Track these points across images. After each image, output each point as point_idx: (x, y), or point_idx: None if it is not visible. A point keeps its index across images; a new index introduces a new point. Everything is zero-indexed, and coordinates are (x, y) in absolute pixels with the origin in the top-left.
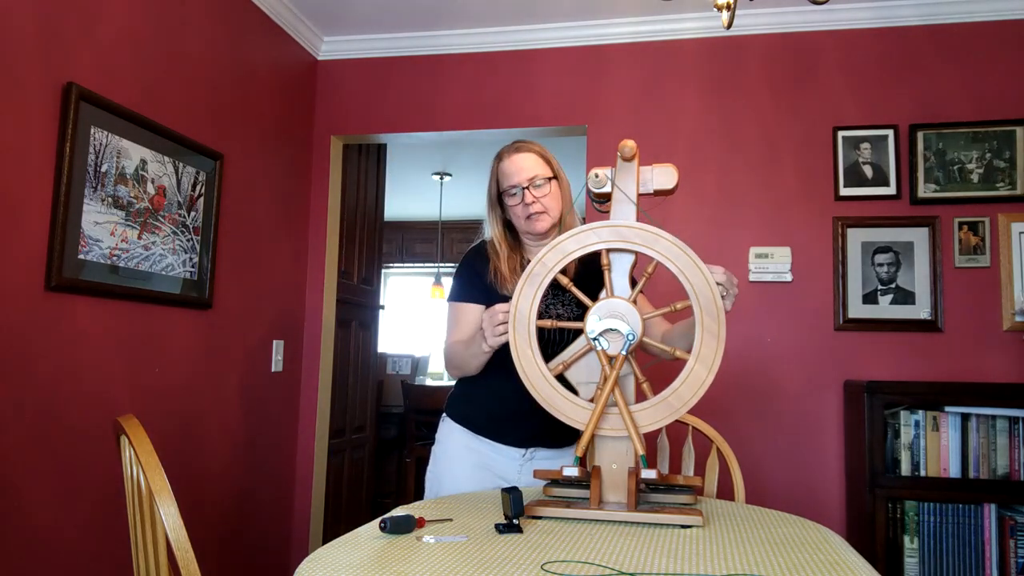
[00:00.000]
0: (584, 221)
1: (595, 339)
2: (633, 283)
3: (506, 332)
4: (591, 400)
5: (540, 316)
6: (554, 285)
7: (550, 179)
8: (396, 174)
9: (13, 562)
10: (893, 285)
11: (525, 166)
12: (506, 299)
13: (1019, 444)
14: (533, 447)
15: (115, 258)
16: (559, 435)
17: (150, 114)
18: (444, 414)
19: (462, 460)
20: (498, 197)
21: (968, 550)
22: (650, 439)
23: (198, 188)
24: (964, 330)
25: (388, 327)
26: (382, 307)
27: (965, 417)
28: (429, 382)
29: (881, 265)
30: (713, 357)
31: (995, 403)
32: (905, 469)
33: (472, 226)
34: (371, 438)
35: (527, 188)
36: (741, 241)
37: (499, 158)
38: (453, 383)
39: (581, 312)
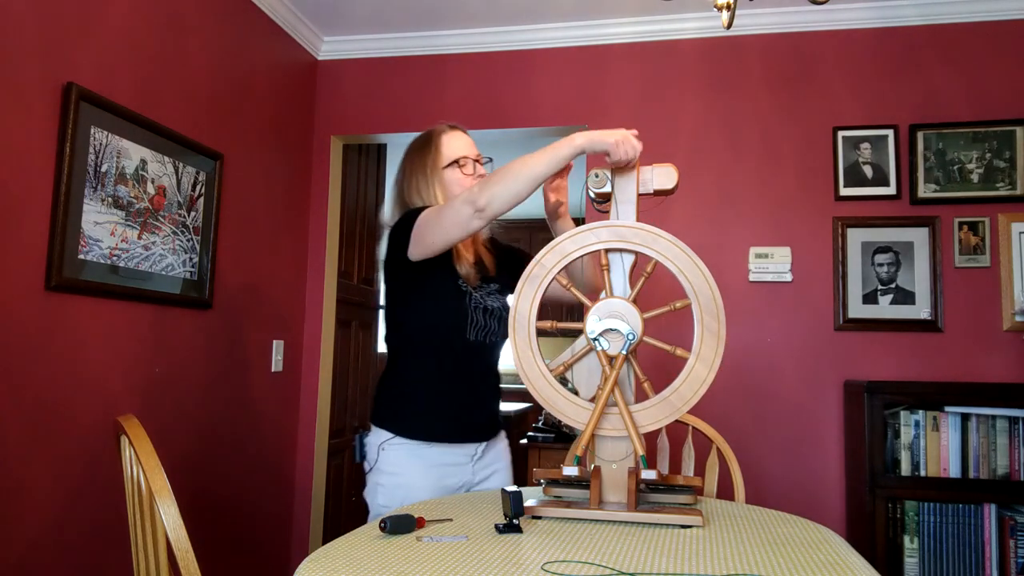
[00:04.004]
0: (584, 221)
1: (595, 339)
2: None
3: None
4: (591, 400)
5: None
6: (484, 277)
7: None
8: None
9: (13, 561)
10: (893, 285)
11: (471, 143)
12: (457, 276)
13: (1019, 444)
14: (487, 440)
15: (115, 258)
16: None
17: (150, 114)
18: (379, 431)
19: (421, 488)
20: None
21: (968, 550)
22: (650, 439)
23: (198, 188)
24: (964, 330)
25: None
26: (382, 307)
27: (965, 417)
28: None
29: (881, 265)
30: (713, 356)
31: (995, 403)
32: (905, 469)
33: None
34: None
35: (477, 162)
36: (741, 241)
37: (440, 132)
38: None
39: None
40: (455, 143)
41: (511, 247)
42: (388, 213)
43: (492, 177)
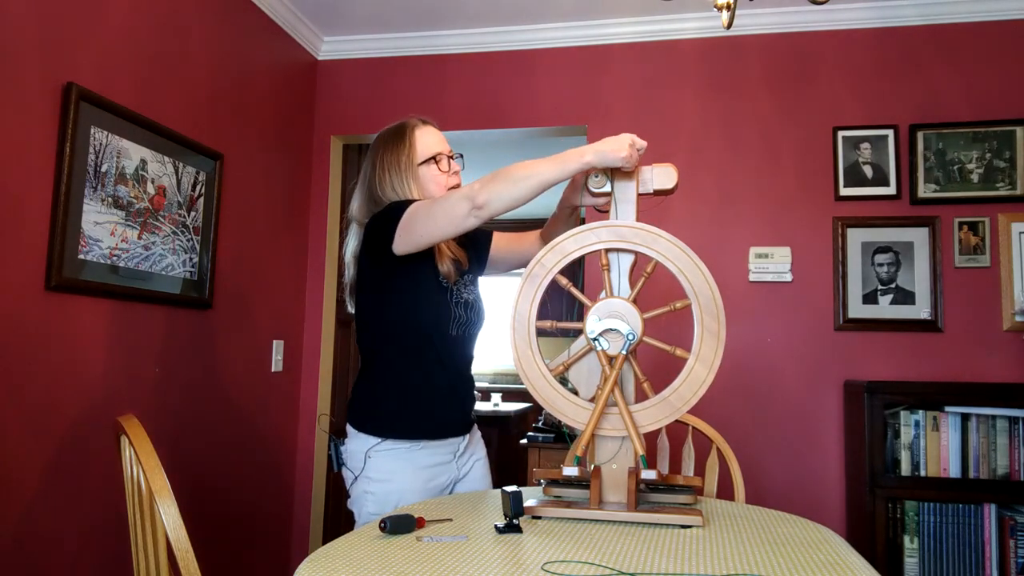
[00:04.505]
0: (584, 221)
1: (595, 339)
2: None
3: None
4: (591, 400)
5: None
6: (460, 272)
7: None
8: None
9: (13, 561)
10: (893, 285)
11: (444, 138)
12: (437, 273)
13: (1019, 444)
14: (468, 433)
15: (115, 258)
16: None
17: (150, 114)
18: (363, 436)
19: (412, 492)
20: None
21: (968, 550)
22: (650, 439)
23: (198, 188)
24: (964, 330)
25: None
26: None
27: (965, 417)
28: None
29: (881, 265)
30: (713, 356)
31: (995, 403)
32: (905, 469)
33: None
34: None
35: (451, 158)
36: (741, 241)
37: (414, 127)
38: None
39: None
40: (429, 139)
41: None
42: (356, 208)
43: (495, 177)
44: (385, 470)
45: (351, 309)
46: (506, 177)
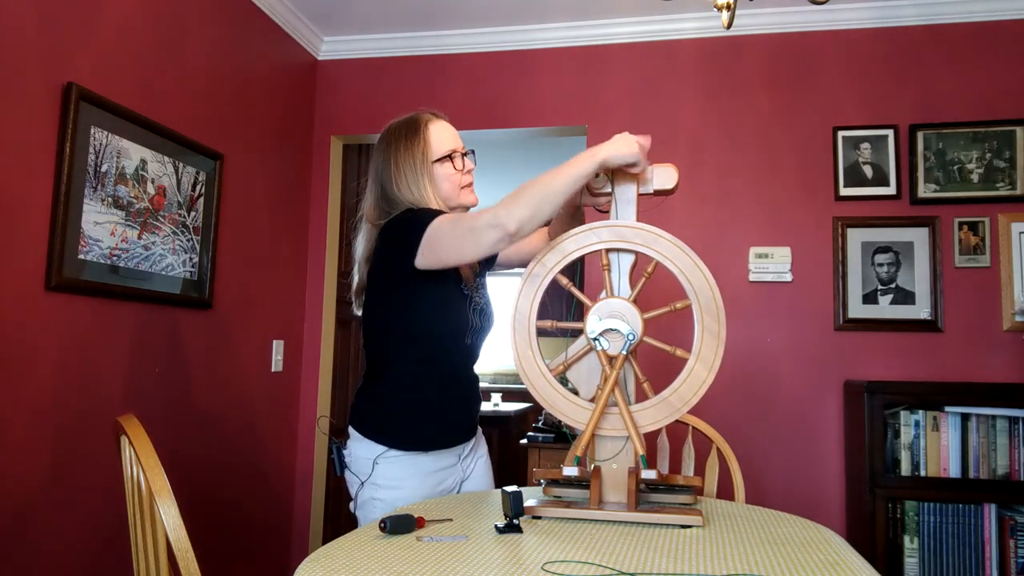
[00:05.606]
0: (585, 220)
1: (595, 339)
2: None
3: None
4: (591, 400)
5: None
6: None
7: None
8: None
9: (13, 562)
10: (893, 285)
11: (456, 134)
12: (459, 280)
13: (1019, 444)
14: (475, 436)
15: (115, 258)
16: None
17: (150, 114)
18: (369, 443)
19: (420, 498)
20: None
21: (968, 550)
22: (650, 439)
23: (198, 188)
24: (964, 330)
25: None
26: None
27: (965, 417)
28: None
29: (881, 265)
30: (713, 357)
31: (995, 403)
32: (905, 469)
33: None
34: None
35: (465, 156)
36: (741, 241)
37: (427, 122)
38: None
39: None
40: (443, 135)
41: None
42: (368, 208)
43: (518, 200)
44: (393, 477)
45: (358, 311)
46: (529, 198)
